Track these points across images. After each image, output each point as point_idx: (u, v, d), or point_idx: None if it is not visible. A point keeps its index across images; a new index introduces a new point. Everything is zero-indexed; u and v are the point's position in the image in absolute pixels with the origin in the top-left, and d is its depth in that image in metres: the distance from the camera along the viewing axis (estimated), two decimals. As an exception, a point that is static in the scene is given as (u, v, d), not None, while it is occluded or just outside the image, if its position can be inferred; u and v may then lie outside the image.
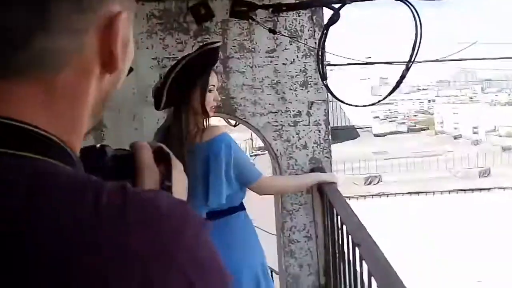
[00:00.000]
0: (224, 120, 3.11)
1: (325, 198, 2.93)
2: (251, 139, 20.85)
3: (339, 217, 2.47)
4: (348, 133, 25.50)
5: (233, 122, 3.20)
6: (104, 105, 0.62)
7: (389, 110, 27.27)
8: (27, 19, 0.49)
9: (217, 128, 2.41)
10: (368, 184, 16.67)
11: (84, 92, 0.56)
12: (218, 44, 2.27)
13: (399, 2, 2.39)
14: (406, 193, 15.05)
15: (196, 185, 2.24)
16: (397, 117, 27.91)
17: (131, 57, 0.64)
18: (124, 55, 0.58)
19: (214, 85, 2.36)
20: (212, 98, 2.35)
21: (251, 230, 2.54)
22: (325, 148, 3.29)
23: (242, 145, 19.55)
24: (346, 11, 2.58)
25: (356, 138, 26.11)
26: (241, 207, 2.50)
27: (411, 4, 2.40)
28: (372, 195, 15.25)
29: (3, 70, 0.51)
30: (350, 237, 2.14)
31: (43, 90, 0.52)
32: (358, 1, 2.63)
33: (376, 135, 26.68)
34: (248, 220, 2.56)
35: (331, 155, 3.32)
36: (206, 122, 2.36)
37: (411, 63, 2.56)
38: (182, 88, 2.28)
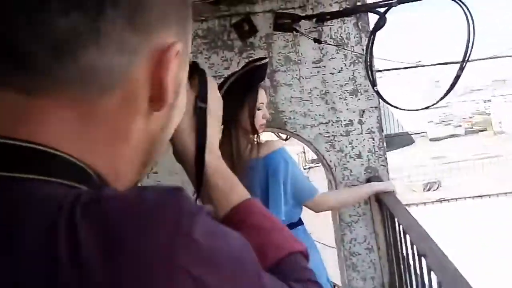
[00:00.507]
0: (275, 134, 3.07)
1: (384, 208, 2.84)
2: (304, 152, 20.70)
3: (401, 226, 2.37)
4: (402, 139, 24.94)
5: (284, 136, 3.15)
6: (153, 152, 0.57)
7: (443, 113, 26.43)
8: (80, 27, 0.44)
9: (274, 143, 2.37)
10: (427, 191, 16.18)
11: (127, 127, 0.51)
12: (265, 61, 2.20)
13: (447, 1, 2.30)
14: (469, 197, 14.50)
15: None
16: (452, 120, 27.03)
17: (183, 105, 0.60)
18: (174, 93, 0.54)
19: (263, 103, 2.29)
20: (261, 116, 2.28)
21: (312, 246, 2.47)
22: (380, 156, 3.19)
23: (295, 159, 19.42)
24: (393, 15, 2.50)
25: (411, 144, 25.49)
26: (300, 222, 2.44)
27: (463, 3, 2.31)
28: (433, 202, 14.78)
29: (38, 85, 0.46)
30: (414, 247, 2.05)
31: (80, 114, 0.47)
32: (404, 3, 2.55)
33: (432, 140, 25.95)
34: (308, 235, 2.50)
35: (387, 163, 3.22)
36: (257, 138, 2.32)
37: (465, 62, 2.46)
38: (231, 106, 2.24)
